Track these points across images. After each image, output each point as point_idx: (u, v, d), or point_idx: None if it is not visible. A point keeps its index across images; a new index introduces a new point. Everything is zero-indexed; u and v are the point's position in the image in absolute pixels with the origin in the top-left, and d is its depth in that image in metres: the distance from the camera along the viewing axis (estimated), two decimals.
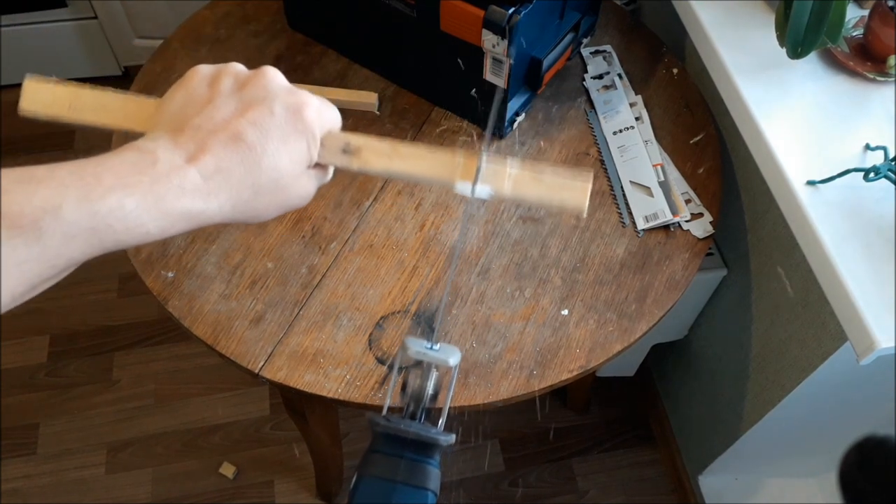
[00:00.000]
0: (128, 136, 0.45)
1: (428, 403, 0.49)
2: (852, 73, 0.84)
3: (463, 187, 0.45)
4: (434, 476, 0.45)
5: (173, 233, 0.39)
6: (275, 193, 0.42)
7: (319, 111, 0.44)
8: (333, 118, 0.46)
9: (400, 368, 0.56)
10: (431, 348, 0.49)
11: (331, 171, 0.47)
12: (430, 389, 0.49)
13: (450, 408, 0.50)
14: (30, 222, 0.34)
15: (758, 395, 1.01)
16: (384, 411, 0.50)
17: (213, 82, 0.43)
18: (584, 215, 0.46)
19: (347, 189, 0.91)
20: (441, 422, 0.48)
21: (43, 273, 0.36)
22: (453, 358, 0.49)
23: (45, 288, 0.37)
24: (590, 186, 0.45)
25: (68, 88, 0.46)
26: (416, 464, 0.45)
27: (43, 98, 0.46)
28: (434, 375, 0.49)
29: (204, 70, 0.44)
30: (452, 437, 0.46)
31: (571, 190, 0.45)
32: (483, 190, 0.45)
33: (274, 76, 0.44)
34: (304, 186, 0.44)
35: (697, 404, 1.26)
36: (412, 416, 0.48)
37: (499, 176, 0.45)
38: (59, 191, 0.35)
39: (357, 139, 0.45)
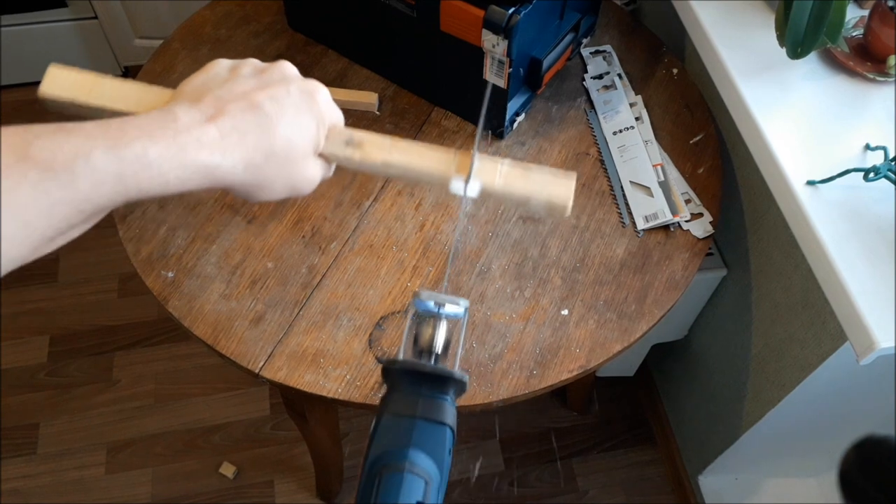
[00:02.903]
0: None
1: (440, 352, 0.49)
2: (852, 73, 0.84)
3: (457, 185, 0.48)
4: (451, 413, 0.46)
5: (190, 186, 0.41)
6: (284, 166, 0.45)
7: (329, 102, 0.49)
8: (338, 115, 0.50)
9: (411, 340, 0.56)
10: (443, 296, 0.50)
11: (333, 166, 0.51)
12: (440, 338, 0.49)
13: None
14: (62, 166, 0.36)
15: (758, 395, 1.01)
16: (400, 355, 0.50)
17: (233, 69, 0.47)
18: (568, 214, 0.50)
19: (347, 189, 0.91)
20: (455, 364, 0.49)
21: (71, 218, 0.38)
22: (462, 301, 0.50)
23: (70, 238, 0.39)
24: (573, 183, 0.49)
25: (90, 75, 0.48)
26: (434, 400, 0.45)
27: (64, 82, 0.48)
28: (445, 325, 0.50)
29: (224, 61, 0.48)
30: (466, 376, 0.47)
31: (557, 185, 0.49)
32: (474, 188, 0.48)
33: (291, 67, 0.48)
34: (310, 170, 0.48)
35: (697, 404, 1.26)
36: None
37: (490, 171, 0.49)
38: (88, 140, 0.38)
39: (359, 133, 0.49)
